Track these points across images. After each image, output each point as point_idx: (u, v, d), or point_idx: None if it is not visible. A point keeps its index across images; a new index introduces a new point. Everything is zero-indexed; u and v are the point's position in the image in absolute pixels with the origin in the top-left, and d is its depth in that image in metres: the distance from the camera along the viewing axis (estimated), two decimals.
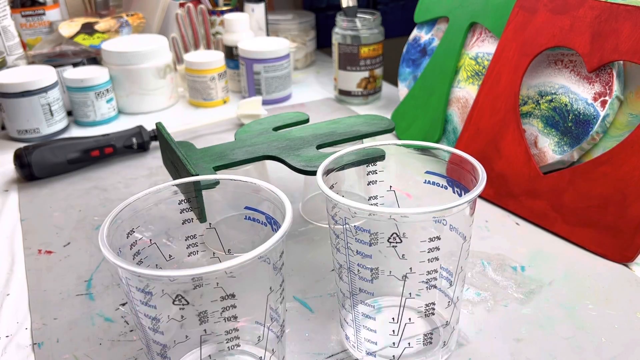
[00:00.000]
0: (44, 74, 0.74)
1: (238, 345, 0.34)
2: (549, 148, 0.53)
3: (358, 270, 0.35)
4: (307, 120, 0.55)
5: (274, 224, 0.34)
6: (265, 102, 0.84)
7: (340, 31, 0.81)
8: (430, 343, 0.37)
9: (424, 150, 0.41)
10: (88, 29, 0.87)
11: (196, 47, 0.91)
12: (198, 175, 0.41)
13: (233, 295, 0.31)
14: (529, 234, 0.52)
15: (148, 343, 0.33)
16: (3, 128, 0.79)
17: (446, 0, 0.68)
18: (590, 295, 0.44)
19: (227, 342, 0.33)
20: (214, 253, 0.38)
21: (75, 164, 0.66)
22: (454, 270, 0.35)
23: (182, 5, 0.90)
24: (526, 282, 0.46)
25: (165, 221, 0.36)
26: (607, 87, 0.50)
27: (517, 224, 0.54)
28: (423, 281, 0.34)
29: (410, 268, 0.34)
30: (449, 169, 0.39)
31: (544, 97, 0.54)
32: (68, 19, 0.91)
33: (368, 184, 0.42)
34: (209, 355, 0.36)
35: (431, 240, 0.33)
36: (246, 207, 0.36)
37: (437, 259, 0.34)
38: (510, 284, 0.45)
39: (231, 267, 0.28)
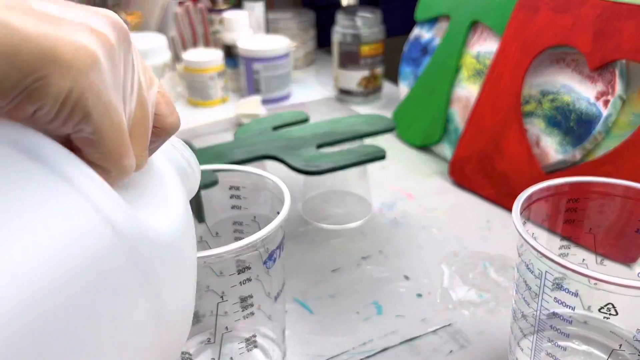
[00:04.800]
0: None
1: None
2: (551, 148, 0.53)
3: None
4: (307, 120, 0.55)
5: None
6: (264, 102, 0.83)
7: (340, 30, 0.80)
8: None
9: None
10: None
11: (195, 46, 0.90)
12: None
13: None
14: None
15: None
16: None
17: None
18: None
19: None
20: None
21: None
22: None
23: (181, 3, 0.90)
24: None
25: None
26: (609, 86, 0.49)
27: None
28: None
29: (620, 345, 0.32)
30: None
31: (546, 96, 0.54)
32: None
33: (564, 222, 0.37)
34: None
35: None
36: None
37: None
38: (512, 285, 0.45)
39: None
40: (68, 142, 0.18)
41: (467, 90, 0.63)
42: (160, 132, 0.23)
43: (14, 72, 0.15)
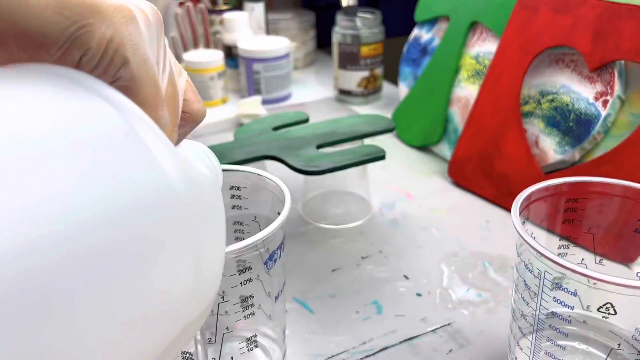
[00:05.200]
0: None
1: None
2: (550, 148, 0.53)
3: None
4: (307, 120, 0.55)
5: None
6: (264, 102, 0.83)
7: (340, 30, 0.80)
8: None
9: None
10: None
11: (195, 46, 0.91)
12: None
13: None
14: None
15: None
16: None
17: None
18: None
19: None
20: None
21: None
22: None
23: (181, 4, 0.90)
24: None
25: None
26: (608, 86, 0.50)
27: None
28: None
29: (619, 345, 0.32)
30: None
31: (545, 97, 0.54)
32: None
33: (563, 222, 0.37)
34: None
35: None
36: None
37: None
38: (511, 285, 0.45)
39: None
40: None
41: (467, 90, 0.63)
42: (189, 117, 0.25)
43: (63, 20, 0.17)
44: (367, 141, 0.53)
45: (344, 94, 0.84)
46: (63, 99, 0.16)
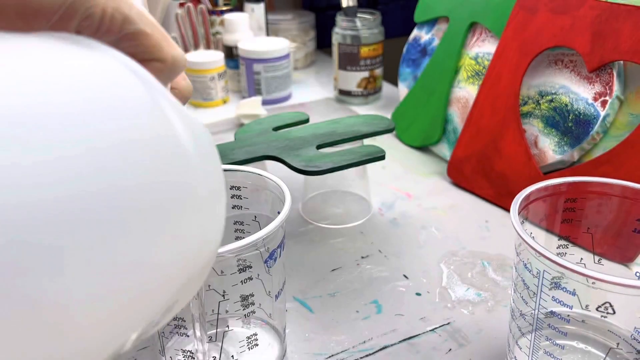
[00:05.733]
0: None
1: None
2: (549, 148, 0.53)
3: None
4: (307, 120, 0.55)
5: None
6: (265, 102, 0.84)
7: (340, 31, 0.81)
8: None
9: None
10: None
11: (196, 47, 0.91)
12: None
13: None
14: None
15: None
16: None
17: (446, 0, 0.68)
18: None
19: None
20: None
21: None
22: None
23: (181, 5, 0.90)
24: None
25: None
26: (607, 87, 0.50)
27: None
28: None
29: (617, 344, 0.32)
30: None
31: (544, 97, 0.54)
32: None
33: (562, 222, 0.37)
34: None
35: None
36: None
37: None
38: (510, 284, 0.45)
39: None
40: None
41: (466, 91, 0.63)
42: (178, 93, 0.26)
43: None
44: (367, 141, 0.53)
45: (344, 95, 0.84)
46: (86, 60, 0.17)
